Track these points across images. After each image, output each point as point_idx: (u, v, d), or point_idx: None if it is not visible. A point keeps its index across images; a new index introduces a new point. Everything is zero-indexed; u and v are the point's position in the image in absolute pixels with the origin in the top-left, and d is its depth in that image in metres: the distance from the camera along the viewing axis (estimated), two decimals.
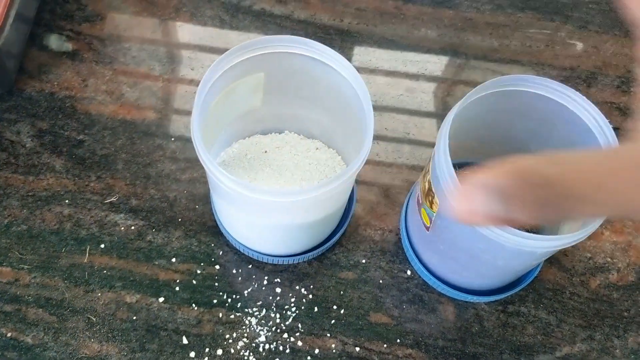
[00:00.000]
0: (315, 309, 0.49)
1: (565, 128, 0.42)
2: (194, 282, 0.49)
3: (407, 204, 0.52)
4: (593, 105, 0.41)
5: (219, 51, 0.48)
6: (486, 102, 0.42)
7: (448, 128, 0.39)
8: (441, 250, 0.46)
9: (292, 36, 0.41)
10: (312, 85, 0.46)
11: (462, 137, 0.44)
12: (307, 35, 0.60)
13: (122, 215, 0.51)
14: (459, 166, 0.55)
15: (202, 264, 0.50)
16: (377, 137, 0.56)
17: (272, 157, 0.50)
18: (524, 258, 0.42)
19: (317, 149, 0.52)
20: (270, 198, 0.37)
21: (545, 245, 0.38)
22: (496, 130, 0.47)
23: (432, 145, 0.56)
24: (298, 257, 0.49)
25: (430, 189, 0.41)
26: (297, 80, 0.45)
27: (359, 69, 0.59)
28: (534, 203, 0.21)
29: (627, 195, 0.21)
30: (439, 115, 0.58)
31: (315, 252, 0.50)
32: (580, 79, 0.60)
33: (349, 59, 0.59)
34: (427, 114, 0.58)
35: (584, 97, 0.41)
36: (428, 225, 0.44)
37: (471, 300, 0.50)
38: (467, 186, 0.22)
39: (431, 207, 0.42)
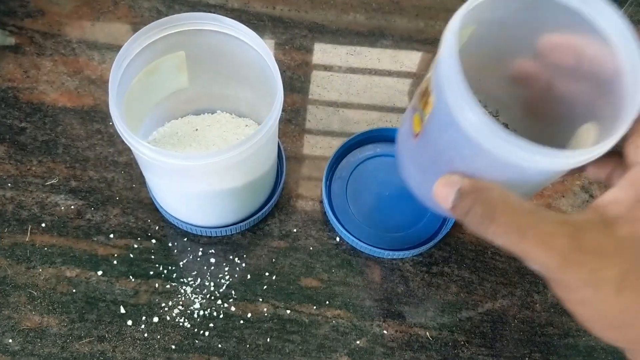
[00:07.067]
0: (248, 276, 0.52)
1: None
2: (132, 255, 0.52)
3: (327, 175, 0.55)
4: None
5: None
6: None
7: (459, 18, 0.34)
8: (423, 164, 0.40)
9: (204, 13, 0.44)
10: (232, 63, 0.48)
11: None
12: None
13: (62, 196, 0.53)
14: None
15: (139, 239, 0.52)
16: (307, 115, 0.59)
17: (202, 134, 0.53)
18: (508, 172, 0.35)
19: (246, 126, 0.54)
20: (181, 162, 0.40)
21: (539, 160, 0.31)
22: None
23: (360, 121, 0.59)
24: (231, 227, 0.52)
25: (427, 89, 0.37)
26: (218, 59, 0.48)
27: (292, 53, 0.62)
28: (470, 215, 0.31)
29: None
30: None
31: (247, 222, 0.52)
32: None
33: (283, 45, 0.62)
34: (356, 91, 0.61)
35: None
36: (417, 132, 0.39)
37: (395, 257, 0.53)
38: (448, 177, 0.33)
39: (424, 108, 0.35)
